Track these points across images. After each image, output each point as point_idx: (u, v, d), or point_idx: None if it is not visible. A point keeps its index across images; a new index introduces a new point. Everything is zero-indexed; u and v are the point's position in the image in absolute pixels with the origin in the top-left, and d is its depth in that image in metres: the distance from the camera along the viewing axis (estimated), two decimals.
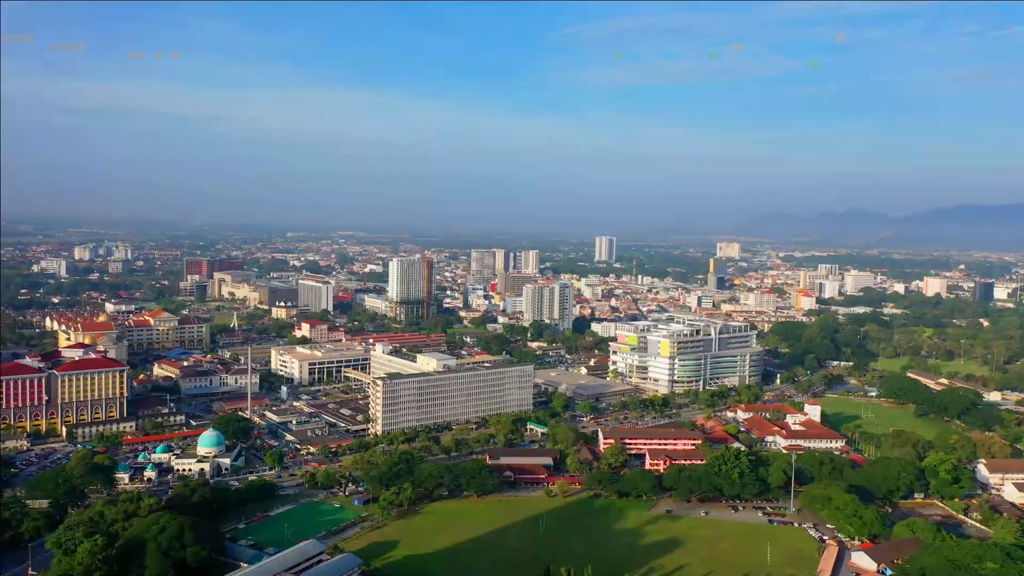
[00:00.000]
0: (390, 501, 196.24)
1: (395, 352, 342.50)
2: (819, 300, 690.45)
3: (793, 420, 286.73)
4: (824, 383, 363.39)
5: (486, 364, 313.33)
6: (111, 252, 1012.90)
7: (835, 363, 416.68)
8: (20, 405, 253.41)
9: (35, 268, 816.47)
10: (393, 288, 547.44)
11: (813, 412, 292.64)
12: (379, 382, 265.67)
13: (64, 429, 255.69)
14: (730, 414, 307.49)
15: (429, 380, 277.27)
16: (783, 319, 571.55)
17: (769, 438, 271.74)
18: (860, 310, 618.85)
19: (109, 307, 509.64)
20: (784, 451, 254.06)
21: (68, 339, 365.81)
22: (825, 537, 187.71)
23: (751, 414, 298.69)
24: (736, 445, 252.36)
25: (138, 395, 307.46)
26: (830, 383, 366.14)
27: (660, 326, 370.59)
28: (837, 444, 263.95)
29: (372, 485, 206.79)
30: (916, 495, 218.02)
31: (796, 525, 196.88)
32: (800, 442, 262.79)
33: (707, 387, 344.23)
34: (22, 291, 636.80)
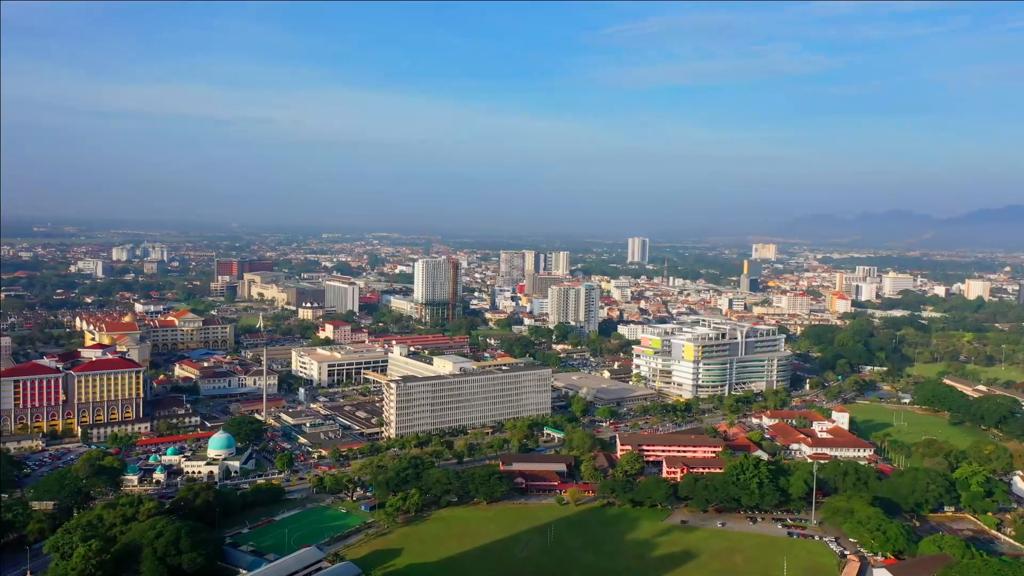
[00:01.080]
0: (397, 507, 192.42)
1: (413, 354, 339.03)
2: (855, 303, 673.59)
3: (820, 427, 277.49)
4: (856, 389, 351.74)
5: (503, 367, 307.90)
6: (147, 253, 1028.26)
7: (868, 368, 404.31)
8: (37, 405, 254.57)
9: (72, 268, 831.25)
10: (418, 289, 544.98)
11: (841, 419, 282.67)
12: (392, 385, 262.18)
13: (80, 430, 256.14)
14: (755, 420, 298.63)
15: (444, 383, 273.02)
16: (816, 322, 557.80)
17: (794, 446, 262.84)
18: (897, 313, 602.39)
19: (138, 307, 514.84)
20: (809, 460, 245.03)
21: (93, 339, 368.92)
22: (847, 552, 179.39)
23: (776, 421, 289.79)
24: (758, 453, 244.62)
25: (157, 395, 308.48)
26: (862, 389, 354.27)
27: (685, 329, 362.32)
28: (865, 453, 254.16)
29: (379, 490, 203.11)
30: (946, 508, 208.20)
31: (816, 538, 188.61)
32: (826, 450, 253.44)
33: (733, 392, 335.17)
34: (58, 291, 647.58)
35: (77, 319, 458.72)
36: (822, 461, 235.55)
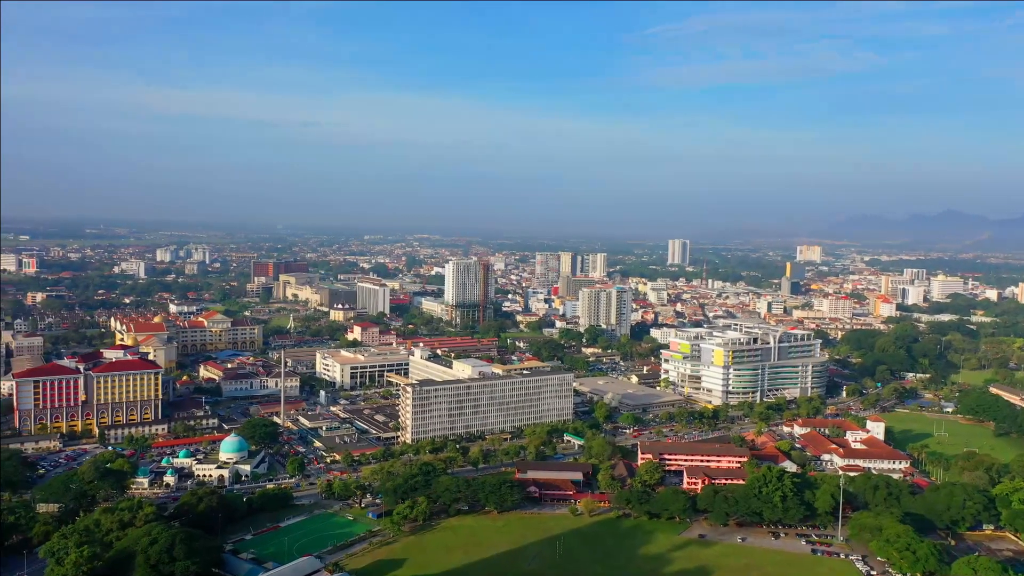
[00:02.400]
0: (404, 515, 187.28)
1: (433, 357, 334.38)
2: (900, 307, 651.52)
3: (853, 437, 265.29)
4: (895, 397, 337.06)
5: (524, 371, 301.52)
6: (190, 254, 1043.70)
7: (910, 375, 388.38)
8: (56, 405, 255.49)
9: (116, 269, 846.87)
10: (449, 291, 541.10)
11: (876, 429, 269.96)
12: (408, 389, 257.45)
13: (98, 430, 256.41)
14: (786, 429, 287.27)
15: (461, 387, 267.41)
16: (858, 327, 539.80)
17: (825, 456, 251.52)
18: (945, 318, 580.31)
19: (172, 308, 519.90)
20: (841, 471, 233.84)
21: (122, 339, 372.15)
22: (874, 572, 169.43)
23: (808, 430, 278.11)
24: (786, 464, 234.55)
25: (180, 396, 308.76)
26: (902, 397, 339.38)
27: (715, 333, 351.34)
28: (900, 465, 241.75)
29: (387, 498, 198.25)
30: (985, 527, 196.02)
31: (842, 556, 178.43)
32: (858, 462, 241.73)
33: (764, 399, 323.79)
34: (99, 291, 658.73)
35: (112, 319, 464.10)
36: (853, 473, 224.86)
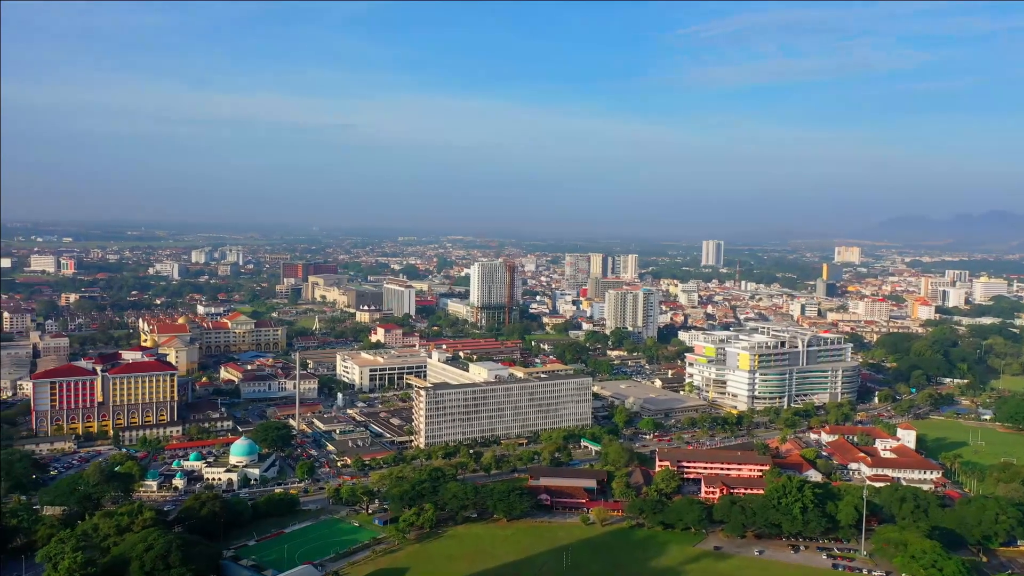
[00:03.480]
0: (410, 523, 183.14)
1: (451, 360, 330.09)
2: (939, 309, 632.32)
3: (883, 445, 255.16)
4: (930, 403, 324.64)
5: (542, 375, 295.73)
6: (224, 256, 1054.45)
7: (947, 380, 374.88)
8: (72, 407, 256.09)
9: (151, 271, 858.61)
10: (474, 293, 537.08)
11: (907, 437, 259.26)
12: (422, 392, 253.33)
13: (114, 432, 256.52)
14: (813, 436, 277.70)
15: (476, 391, 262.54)
16: (895, 330, 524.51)
17: (853, 465, 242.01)
18: (987, 321, 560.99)
19: (200, 309, 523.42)
20: (868, 481, 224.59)
21: (146, 340, 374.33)
22: None
23: (836, 437, 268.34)
24: (810, 473, 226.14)
25: (199, 398, 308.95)
26: (937, 403, 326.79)
27: (741, 337, 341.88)
28: (932, 476, 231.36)
29: (394, 504, 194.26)
30: (1020, 543, 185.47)
31: (865, 572, 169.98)
32: (887, 471, 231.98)
33: (792, 405, 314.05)
34: (132, 292, 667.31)
35: (140, 320, 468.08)
36: (881, 484, 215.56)
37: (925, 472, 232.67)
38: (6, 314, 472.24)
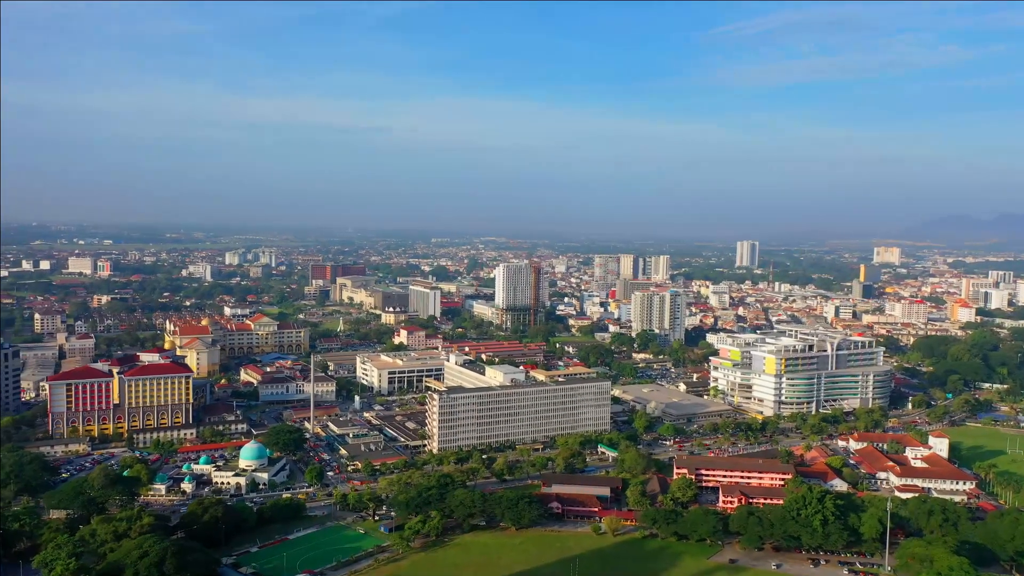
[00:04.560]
0: (415, 530, 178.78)
1: (468, 363, 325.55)
2: (981, 311, 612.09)
3: (913, 454, 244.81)
4: (967, 409, 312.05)
5: (559, 379, 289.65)
6: (257, 258, 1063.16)
7: (986, 385, 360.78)
8: (88, 409, 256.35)
9: (184, 272, 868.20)
10: (499, 294, 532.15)
11: (939, 445, 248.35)
12: (435, 396, 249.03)
13: (128, 434, 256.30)
14: (841, 443, 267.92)
15: (491, 395, 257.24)
16: (933, 332, 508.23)
17: (881, 475, 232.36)
18: None
19: (227, 311, 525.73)
20: (896, 492, 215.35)
21: (170, 342, 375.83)
22: None
23: (864, 444, 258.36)
24: (834, 482, 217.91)
25: (218, 400, 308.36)
26: (974, 409, 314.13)
27: (768, 340, 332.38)
28: (965, 486, 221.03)
29: (400, 511, 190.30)
30: None
31: None
32: (916, 481, 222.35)
33: (821, 410, 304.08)
34: (164, 294, 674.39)
35: (167, 322, 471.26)
36: (909, 495, 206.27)
37: (957, 483, 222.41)
38: (37, 315, 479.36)
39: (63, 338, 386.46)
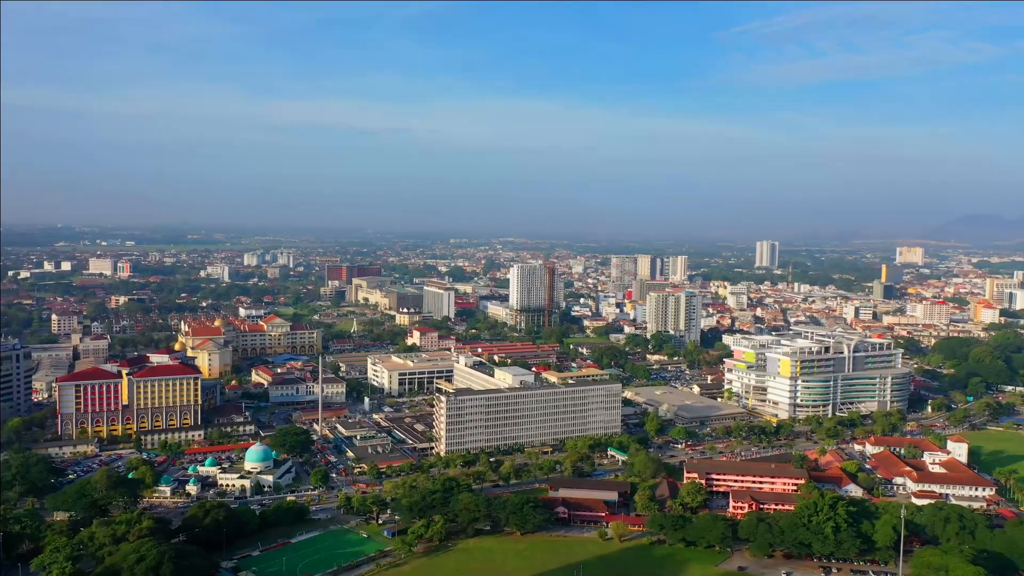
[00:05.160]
0: (418, 535, 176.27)
1: (478, 365, 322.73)
2: (1005, 312, 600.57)
3: (931, 459, 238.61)
4: (988, 413, 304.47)
5: (569, 381, 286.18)
6: (276, 259, 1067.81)
7: (1009, 388, 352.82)
8: (97, 410, 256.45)
9: (202, 273, 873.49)
10: (513, 295, 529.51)
11: (958, 450, 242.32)
12: (442, 398, 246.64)
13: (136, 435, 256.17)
14: (857, 447, 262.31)
15: (499, 397, 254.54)
16: (955, 334, 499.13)
17: (897, 480, 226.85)
18: None
19: (242, 311, 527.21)
20: (913, 498, 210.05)
21: (184, 343, 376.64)
22: None
23: (880, 449, 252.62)
24: (848, 487, 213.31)
25: (228, 401, 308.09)
26: (996, 413, 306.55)
27: (783, 342, 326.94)
28: (984, 492, 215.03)
29: (403, 515, 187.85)
30: None
31: None
32: (934, 487, 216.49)
33: (837, 413, 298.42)
34: (182, 295, 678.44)
35: (182, 323, 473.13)
36: (926, 501, 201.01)
37: (976, 488, 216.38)
38: (54, 316, 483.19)
39: (77, 339, 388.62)
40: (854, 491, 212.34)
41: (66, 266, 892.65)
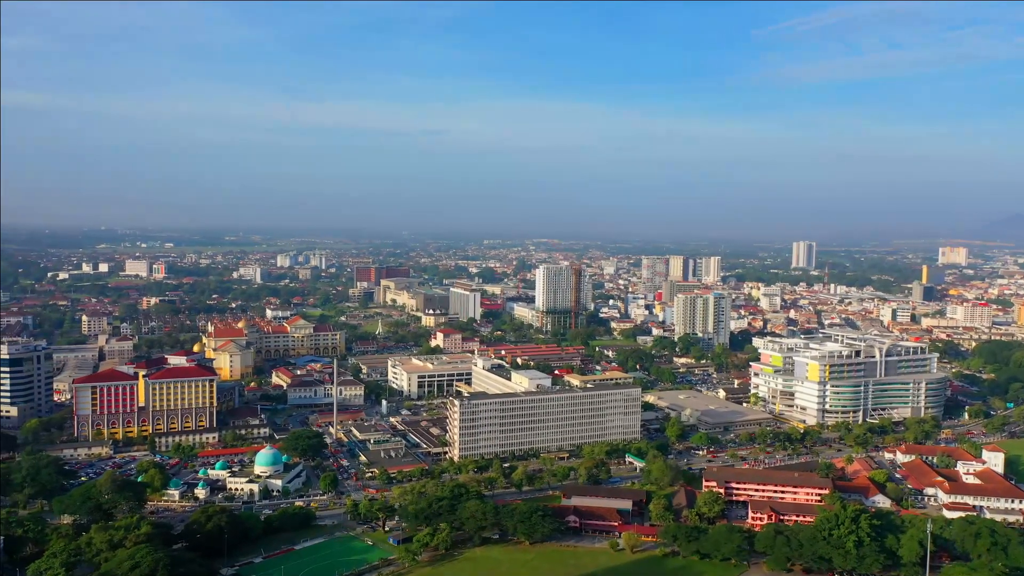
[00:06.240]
0: (424, 543, 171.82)
1: (496, 367, 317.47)
2: None
3: (966, 469, 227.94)
4: None
5: (588, 385, 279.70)
6: (308, 260, 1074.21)
7: None
8: (113, 411, 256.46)
9: (235, 275, 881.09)
10: (540, 297, 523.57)
11: (994, 460, 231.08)
12: (456, 402, 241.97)
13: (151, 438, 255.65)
14: (888, 455, 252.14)
15: (514, 401, 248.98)
16: (997, 337, 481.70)
17: (929, 491, 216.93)
18: None
19: (268, 313, 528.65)
20: (944, 510, 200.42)
21: (205, 344, 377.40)
22: None
23: (912, 457, 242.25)
24: (876, 498, 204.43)
25: (247, 403, 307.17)
26: None
27: (812, 345, 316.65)
28: (1021, 505, 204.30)
29: (409, 522, 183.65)
30: None
31: None
32: (967, 499, 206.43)
33: (868, 420, 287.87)
34: (213, 296, 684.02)
35: (209, 324, 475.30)
36: (958, 513, 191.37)
37: (1012, 501, 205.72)
38: (85, 317, 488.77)
39: (104, 340, 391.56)
40: (882, 502, 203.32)
41: (103, 268, 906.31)
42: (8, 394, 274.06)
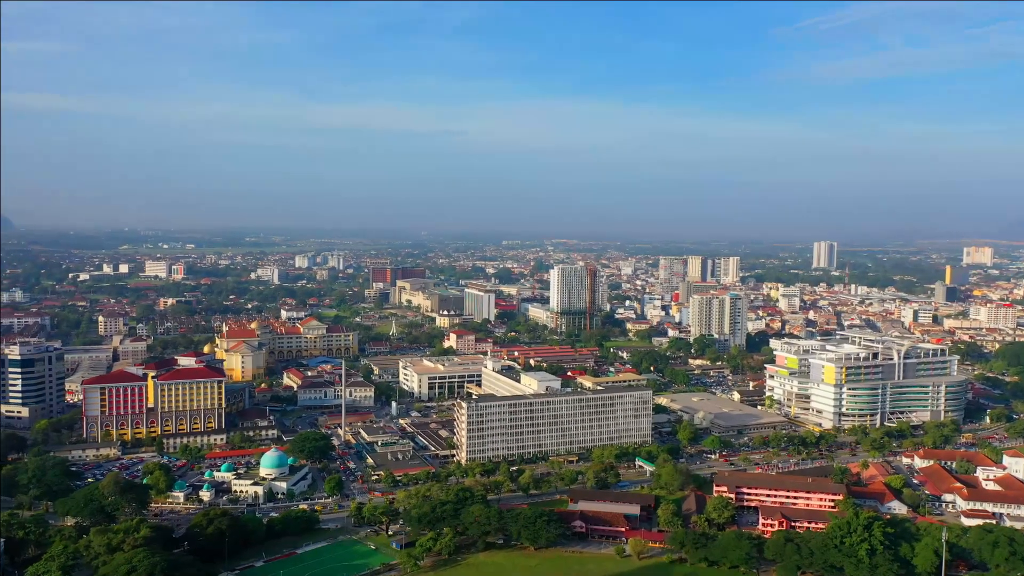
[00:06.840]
0: (426, 548, 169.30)
1: (506, 369, 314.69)
2: None
3: (985, 475, 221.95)
4: None
5: (599, 387, 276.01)
6: (326, 261, 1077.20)
7: None
8: (122, 413, 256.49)
9: (252, 275, 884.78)
10: (554, 298, 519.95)
11: (1015, 466, 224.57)
12: (463, 404, 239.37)
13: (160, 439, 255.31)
14: (905, 460, 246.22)
15: (522, 404, 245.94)
16: (1022, 339, 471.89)
17: (947, 497, 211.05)
18: None
19: (283, 313, 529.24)
20: (963, 517, 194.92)
21: (218, 345, 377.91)
22: None
23: (930, 462, 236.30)
24: (892, 504, 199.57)
25: (257, 404, 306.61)
26: None
27: (828, 347, 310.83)
28: None
29: (412, 526, 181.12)
30: None
31: None
32: (986, 506, 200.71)
33: (885, 423, 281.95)
34: (230, 296, 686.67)
35: (224, 325, 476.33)
36: (978, 520, 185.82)
37: None
38: (101, 318, 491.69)
39: (118, 341, 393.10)
40: (897, 508, 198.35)
41: (124, 268, 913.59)
42: (20, 395, 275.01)
